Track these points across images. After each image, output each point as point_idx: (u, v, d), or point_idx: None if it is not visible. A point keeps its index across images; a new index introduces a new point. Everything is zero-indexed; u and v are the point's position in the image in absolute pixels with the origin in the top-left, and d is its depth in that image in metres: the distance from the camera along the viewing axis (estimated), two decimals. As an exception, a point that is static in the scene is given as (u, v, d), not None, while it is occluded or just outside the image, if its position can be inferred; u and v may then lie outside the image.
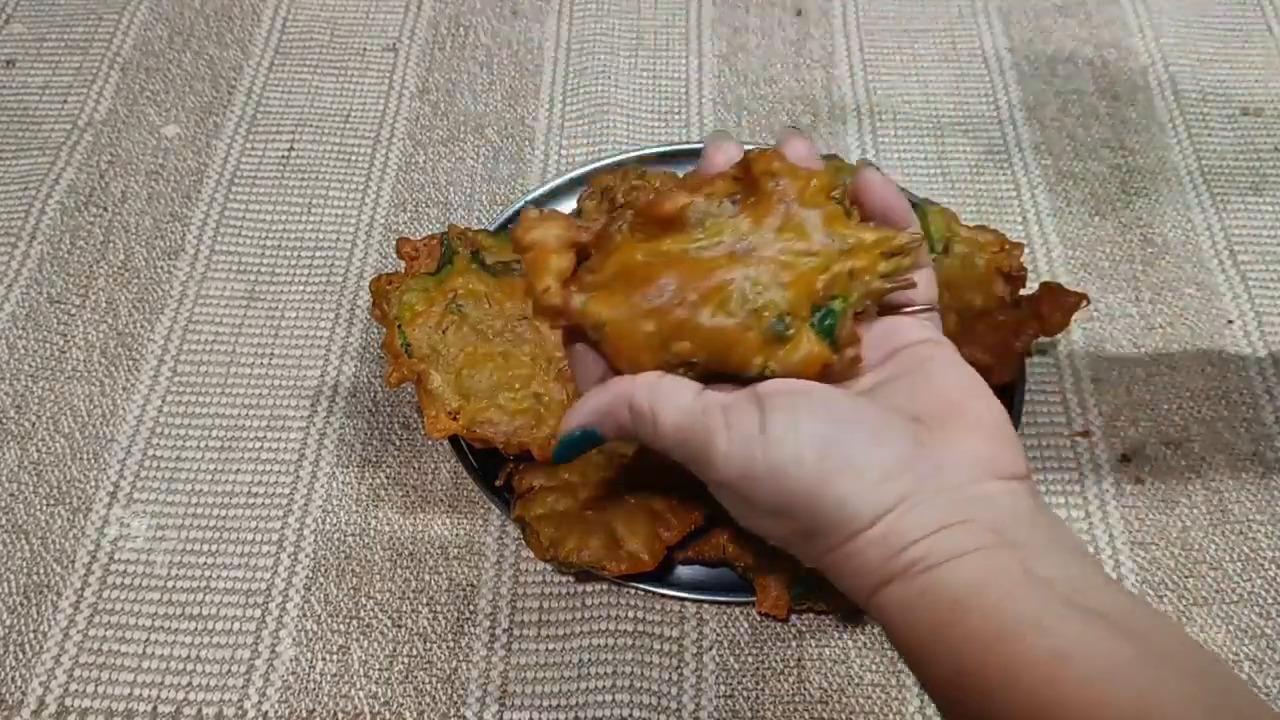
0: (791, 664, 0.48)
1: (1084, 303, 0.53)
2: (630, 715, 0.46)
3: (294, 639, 0.49)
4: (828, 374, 0.36)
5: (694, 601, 0.49)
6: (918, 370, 0.36)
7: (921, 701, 0.47)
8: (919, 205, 0.57)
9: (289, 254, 0.63)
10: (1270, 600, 0.49)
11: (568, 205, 0.62)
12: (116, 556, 0.51)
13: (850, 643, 0.48)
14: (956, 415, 0.34)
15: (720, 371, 0.36)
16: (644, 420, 0.36)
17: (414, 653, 0.48)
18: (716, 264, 0.35)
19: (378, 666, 0.48)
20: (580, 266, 0.38)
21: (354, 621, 0.49)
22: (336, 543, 0.51)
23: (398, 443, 0.55)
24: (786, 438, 0.33)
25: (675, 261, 0.36)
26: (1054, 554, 0.32)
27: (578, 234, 0.38)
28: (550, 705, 0.47)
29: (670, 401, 0.35)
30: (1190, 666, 0.29)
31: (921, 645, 0.32)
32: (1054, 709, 0.28)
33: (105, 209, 0.64)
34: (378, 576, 0.50)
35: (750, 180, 0.36)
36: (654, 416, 0.35)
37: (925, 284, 0.38)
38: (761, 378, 0.36)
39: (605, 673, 0.47)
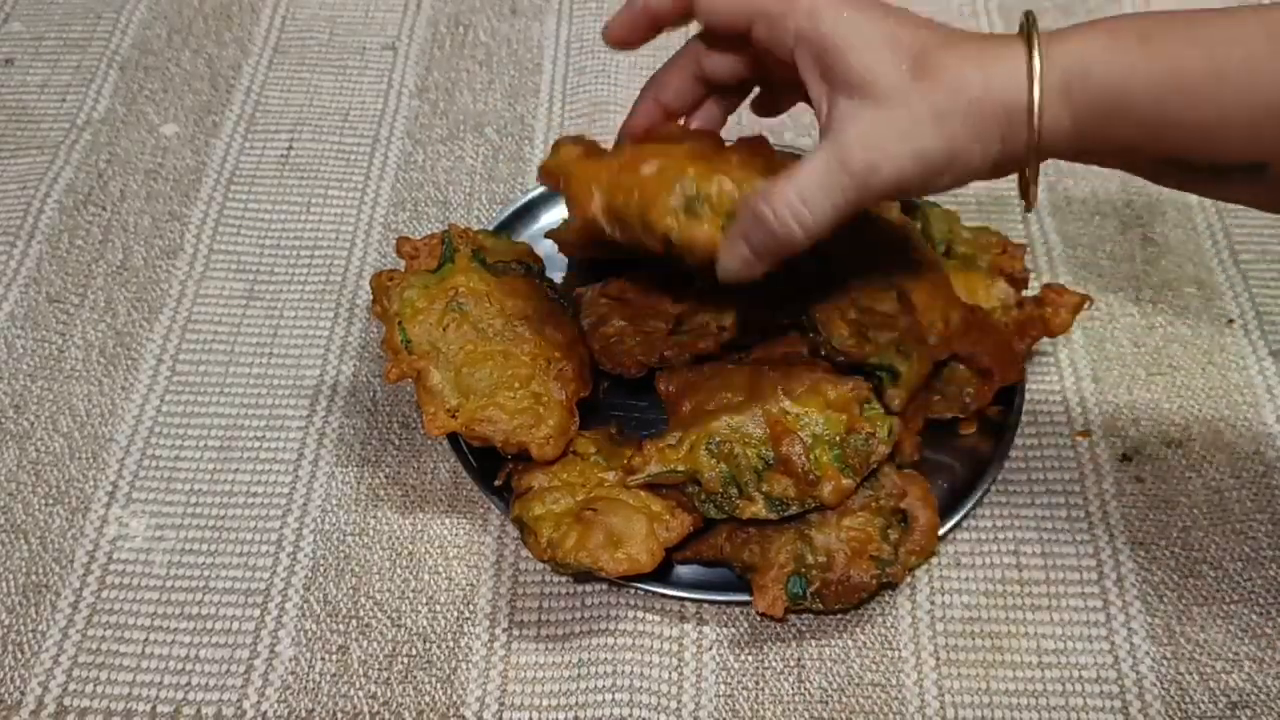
0: (791, 664, 0.48)
1: (1087, 304, 0.53)
2: (630, 715, 0.46)
3: (293, 639, 0.48)
4: None
5: (693, 601, 0.49)
6: None
7: (921, 701, 0.47)
8: (920, 206, 0.57)
9: (288, 253, 0.62)
10: (1270, 600, 0.49)
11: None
12: (115, 556, 0.51)
13: (850, 643, 0.48)
14: None
15: None
16: None
17: (414, 653, 0.48)
18: None
19: (377, 666, 0.48)
20: None
21: (353, 621, 0.49)
22: (335, 542, 0.51)
23: (397, 442, 0.55)
24: None
25: None
26: None
27: None
28: (550, 705, 0.46)
29: None
30: None
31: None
32: None
33: (104, 208, 0.64)
34: (377, 576, 0.50)
35: None
36: None
37: None
38: None
39: (605, 673, 0.47)
